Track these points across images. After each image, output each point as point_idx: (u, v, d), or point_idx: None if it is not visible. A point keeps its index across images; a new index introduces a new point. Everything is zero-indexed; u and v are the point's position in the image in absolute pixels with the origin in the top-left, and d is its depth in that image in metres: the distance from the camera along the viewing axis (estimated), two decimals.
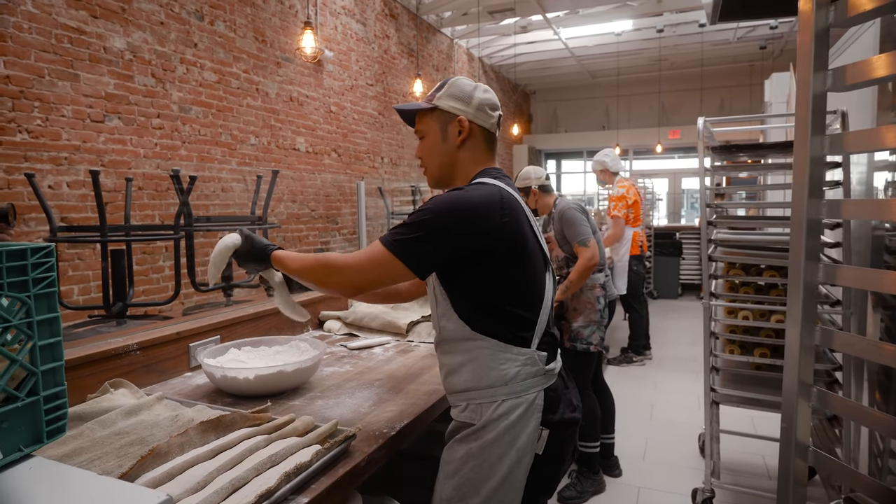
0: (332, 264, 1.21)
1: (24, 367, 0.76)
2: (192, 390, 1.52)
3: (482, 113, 1.30)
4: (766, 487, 2.83)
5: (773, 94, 4.47)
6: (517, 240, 1.19)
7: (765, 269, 2.58)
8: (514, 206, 1.21)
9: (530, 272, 1.22)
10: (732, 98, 10.61)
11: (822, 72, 0.69)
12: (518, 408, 1.17)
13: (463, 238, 1.14)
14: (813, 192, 0.71)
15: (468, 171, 1.31)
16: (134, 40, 3.93)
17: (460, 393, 1.23)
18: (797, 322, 0.74)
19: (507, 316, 1.20)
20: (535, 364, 1.20)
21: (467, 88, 1.31)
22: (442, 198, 1.18)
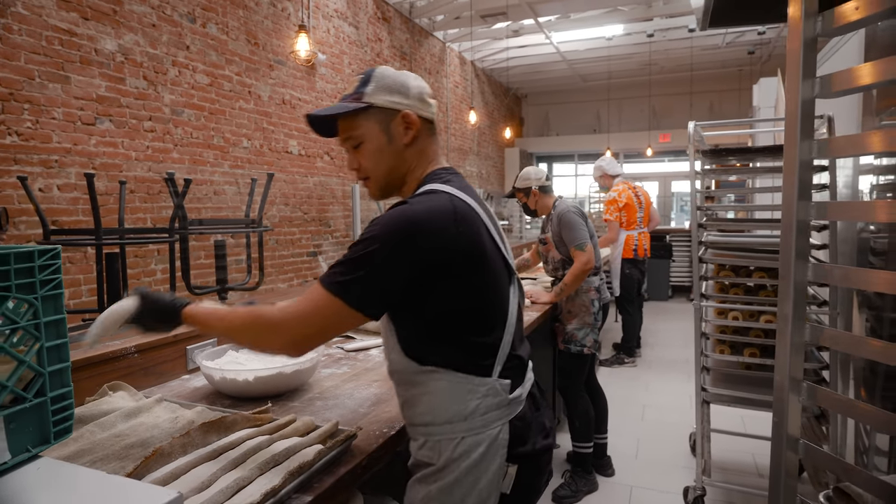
0: (267, 320, 1.01)
1: (31, 368, 0.77)
2: (190, 392, 1.53)
3: (423, 103, 1.15)
4: (756, 485, 2.87)
5: (761, 98, 4.54)
6: (474, 252, 1.05)
7: (754, 270, 2.62)
8: (470, 216, 1.06)
9: (492, 288, 1.08)
10: (722, 102, 10.73)
11: (811, 79, 0.72)
12: (479, 445, 1.05)
13: (416, 264, 0.99)
14: (802, 194, 0.73)
15: (418, 173, 1.16)
16: (125, 42, 3.92)
17: (417, 427, 1.11)
18: (788, 320, 0.76)
19: (464, 344, 1.06)
20: (496, 395, 1.07)
21: (400, 78, 1.14)
22: (384, 220, 1.01)
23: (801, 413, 2.52)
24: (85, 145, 3.68)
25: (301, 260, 5.75)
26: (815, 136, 2.58)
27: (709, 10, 2.29)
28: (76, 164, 3.63)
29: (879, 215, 0.66)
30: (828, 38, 3.00)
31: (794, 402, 0.76)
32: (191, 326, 1.11)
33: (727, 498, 2.75)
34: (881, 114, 2.23)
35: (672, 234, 8.64)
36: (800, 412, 0.77)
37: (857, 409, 0.72)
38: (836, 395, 0.73)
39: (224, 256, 2.44)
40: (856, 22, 0.67)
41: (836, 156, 0.89)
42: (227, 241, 2.67)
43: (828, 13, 0.69)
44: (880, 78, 0.65)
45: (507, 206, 9.98)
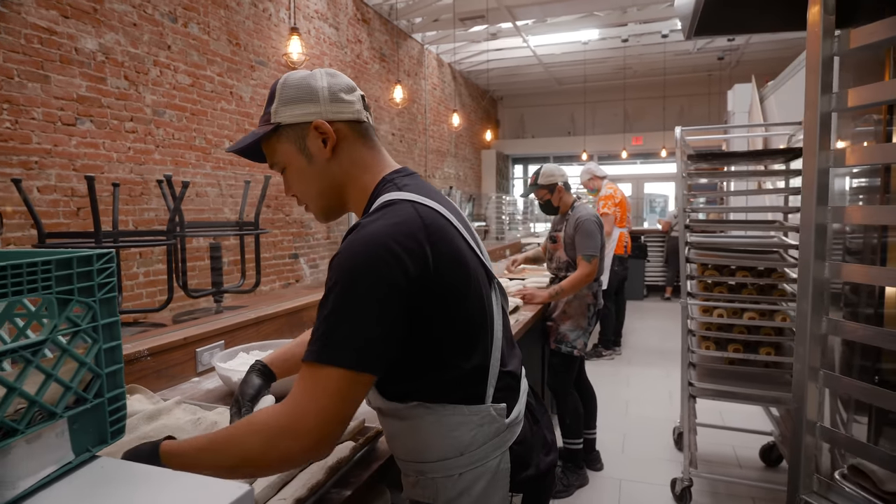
0: (273, 425, 0.80)
1: (91, 370, 0.78)
2: (204, 394, 1.54)
3: (338, 104, 0.97)
4: (738, 475, 2.99)
5: (735, 104, 4.70)
6: (454, 268, 0.89)
7: (736, 269, 2.73)
8: (439, 224, 0.90)
9: (476, 303, 0.93)
10: (692, 106, 11.03)
11: (828, 94, 0.79)
12: (479, 480, 0.93)
13: (396, 289, 0.82)
14: (820, 199, 0.80)
15: (359, 183, 0.99)
16: (106, 41, 3.85)
17: (408, 462, 0.98)
18: (807, 315, 0.83)
19: (450, 372, 0.91)
20: (492, 422, 0.94)
21: (304, 82, 0.98)
22: (344, 255, 0.84)
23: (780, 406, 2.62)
24: (65, 146, 3.60)
25: (283, 262, 5.72)
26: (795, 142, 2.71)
27: (696, 19, 2.39)
28: (56, 166, 3.55)
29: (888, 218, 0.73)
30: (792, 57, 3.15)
31: (813, 389, 0.83)
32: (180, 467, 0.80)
33: (712, 488, 2.86)
34: (857, 120, 2.36)
35: (646, 234, 8.85)
36: (817, 398, 0.83)
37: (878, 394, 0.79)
38: (853, 381, 0.79)
39: (220, 259, 2.44)
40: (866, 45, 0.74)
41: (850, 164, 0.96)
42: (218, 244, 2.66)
43: (843, 34, 0.76)
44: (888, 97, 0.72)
45: (487, 207, 10.07)
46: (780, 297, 2.62)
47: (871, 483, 0.85)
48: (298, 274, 5.98)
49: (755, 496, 2.77)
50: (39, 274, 0.70)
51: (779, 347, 2.64)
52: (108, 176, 3.85)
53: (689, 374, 2.70)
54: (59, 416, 0.74)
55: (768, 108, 4.07)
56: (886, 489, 0.81)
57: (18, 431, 0.68)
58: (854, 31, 0.73)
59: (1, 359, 0.66)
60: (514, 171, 13.41)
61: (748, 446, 3.28)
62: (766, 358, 2.54)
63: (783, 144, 3.32)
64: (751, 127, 3.65)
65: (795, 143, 2.80)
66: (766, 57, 9.41)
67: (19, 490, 0.68)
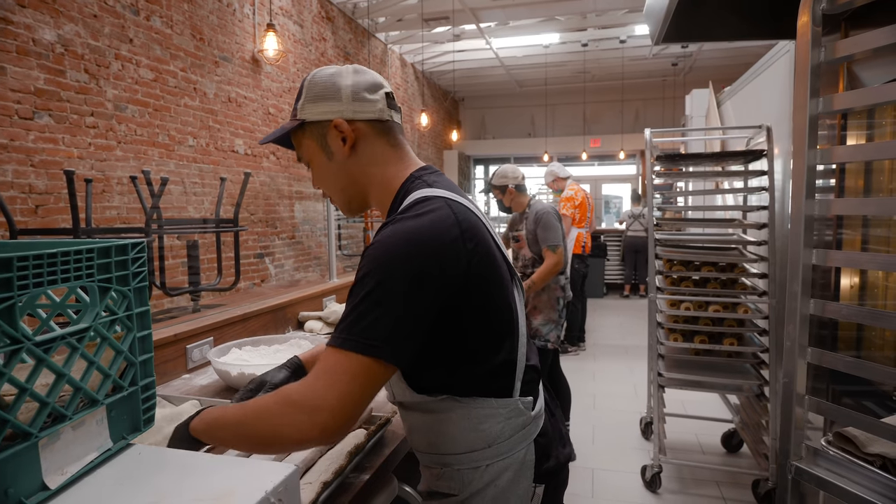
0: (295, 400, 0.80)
1: (126, 359, 0.79)
2: (198, 390, 1.53)
3: (361, 102, 0.98)
4: (702, 461, 3.14)
5: (693, 108, 4.91)
6: (487, 265, 0.91)
7: (701, 265, 2.88)
8: (473, 221, 0.91)
9: (504, 304, 0.94)
10: (647, 110, 11.41)
11: (816, 98, 0.87)
12: (507, 471, 0.94)
13: (432, 285, 0.83)
14: (809, 193, 0.89)
15: (382, 180, 1.01)
16: (65, 33, 3.71)
17: (432, 455, 0.98)
18: (797, 296, 0.91)
19: (485, 367, 0.92)
20: (520, 415, 0.95)
21: (329, 80, 0.99)
22: (381, 248, 0.84)
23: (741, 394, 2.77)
24: (23, 141, 3.45)
25: (248, 262, 5.62)
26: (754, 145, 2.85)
27: (665, 24, 2.50)
28: (13, 161, 3.40)
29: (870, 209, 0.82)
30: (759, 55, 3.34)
31: (802, 365, 0.91)
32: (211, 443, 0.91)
33: (679, 473, 3.00)
34: None
35: (606, 234, 9.10)
36: (806, 373, 0.92)
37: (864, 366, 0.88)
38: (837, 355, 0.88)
39: (197, 257, 2.41)
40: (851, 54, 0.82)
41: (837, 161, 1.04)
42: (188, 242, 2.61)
43: (829, 44, 0.85)
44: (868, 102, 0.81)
45: None
46: (742, 291, 2.77)
47: (855, 447, 0.94)
48: (265, 274, 5.89)
49: (719, 480, 2.92)
50: (84, 262, 0.71)
51: (740, 338, 2.80)
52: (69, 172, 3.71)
53: (657, 365, 2.83)
54: (101, 403, 0.74)
55: (725, 112, 4.28)
56: (869, 451, 0.90)
57: (67, 417, 0.69)
58: (839, 42, 0.82)
59: (52, 346, 0.66)
60: (476, 171, 13.53)
61: (710, 433, 3.44)
62: (731, 348, 2.69)
63: (740, 147, 3.51)
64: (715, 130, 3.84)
65: (754, 145, 2.97)
66: (717, 64, 9.84)
67: (68, 476, 0.68)
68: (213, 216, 2.59)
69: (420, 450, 1.00)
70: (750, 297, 2.81)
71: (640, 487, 2.86)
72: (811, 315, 0.90)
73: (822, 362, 0.90)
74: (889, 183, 1.89)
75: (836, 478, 0.88)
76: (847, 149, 0.98)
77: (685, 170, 3.16)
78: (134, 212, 4.16)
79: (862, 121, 1.86)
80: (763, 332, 2.68)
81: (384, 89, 1.02)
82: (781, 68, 2.88)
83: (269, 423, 0.80)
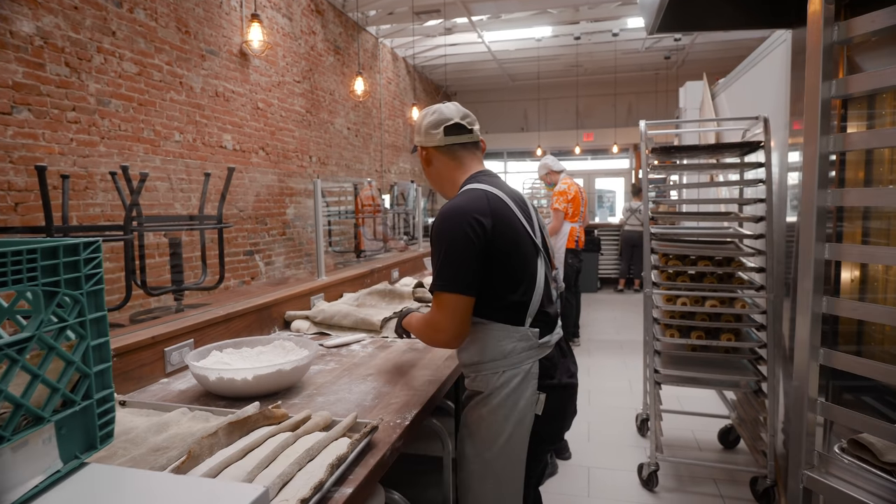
0: (433, 324, 1.40)
1: (79, 370, 0.72)
2: (176, 395, 1.46)
3: (428, 136, 1.52)
4: (699, 457, 3.10)
5: (687, 100, 4.86)
6: (507, 235, 1.36)
7: (697, 259, 2.82)
8: (500, 205, 1.38)
9: (521, 261, 1.39)
10: (639, 103, 11.34)
11: (829, 81, 0.81)
12: (516, 377, 1.37)
13: (474, 241, 1.31)
14: (822, 183, 0.82)
15: (452, 181, 1.52)
16: (44, 25, 3.60)
17: (469, 366, 1.44)
18: (808, 293, 0.85)
19: (504, 302, 1.37)
20: (528, 340, 1.38)
21: (419, 121, 1.55)
22: (437, 217, 1.36)
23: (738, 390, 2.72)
24: (0, 136, 3.35)
25: (238, 259, 5.53)
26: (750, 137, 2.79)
27: (659, 15, 2.44)
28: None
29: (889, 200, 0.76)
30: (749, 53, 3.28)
31: (815, 367, 0.85)
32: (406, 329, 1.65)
33: (676, 471, 2.95)
34: None
35: (600, 228, 9.05)
36: (818, 376, 0.86)
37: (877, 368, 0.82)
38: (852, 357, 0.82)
39: (180, 255, 2.33)
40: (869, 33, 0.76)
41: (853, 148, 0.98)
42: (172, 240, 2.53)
43: (842, 24, 0.78)
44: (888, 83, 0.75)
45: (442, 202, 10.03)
46: (739, 286, 2.72)
47: (871, 455, 0.88)
48: (255, 271, 5.80)
49: (716, 477, 2.88)
50: (25, 264, 0.63)
51: (737, 333, 2.75)
52: (50, 169, 3.60)
53: (654, 361, 2.78)
54: (47, 420, 0.67)
55: (719, 104, 4.22)
56: (887, 460, 0.84)
57: (4, 439, 0.61)
58: (854, 20, 0.75)
59: None
60: None
61: (706, 429, 3.40)
62: (728, 344, 2.63)
63: (736, 140, 3.46)
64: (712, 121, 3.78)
65: (750, 137, 2.92)
66: (709, 57, 9.79)
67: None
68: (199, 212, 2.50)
69: (464, 363, 1.47)
70: (747, 292, 2.76)
71: (637, 486, 2.81)
72: None
73: (835, 364, 0.84)
74: (889, 174, 1.84)
75: (852, 488, 0.83)
76: (864, 135, 0.92)
77: (680, 162, 3.10)
78: (119, 209, 4.05)
79: (862, 111, 1.80)
80: (760, 327, 2.63)
81: (445, 124, 1.51)
82: (778, 58, 2.82)
83: (424, 335, 1.48)
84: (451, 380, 1.66)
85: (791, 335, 2.66)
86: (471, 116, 1.56)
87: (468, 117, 1.55)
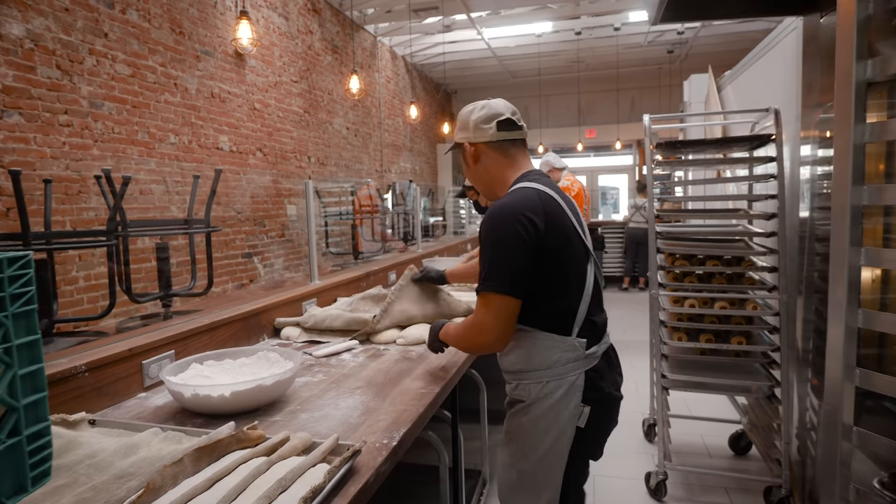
0: (472, 328, 1.38)
1: (3, 403, 0.63)
2: (153, 412, 1.37)
3: (479, 131, 1.46)
4: (709, 465, 2.99)
5: (691, 94, 4.74)
6: (559, 236, 1.31)
7: (704, 258, 2.72)
8: (553, 204, 1.34)
9: (572, 264, 1.35)
10: (642, 98, 11.20)
11: (864, 61, 0.71)
12: (560, 388, 1.33)
13: (523, 242, 1.27)
14: (856, 178, 0.72)
15: (501, 179, 1.47)
16: (35, 27, 3.53)
17: (511, 373, 1.42)
18: (842, 306, 0.75)
19: (550, 309, 1.34)
20: (574, 350, 1.34)
21: (465, 116, 1.49)
22: (489, 216, 1.32)
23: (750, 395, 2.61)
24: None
25: (236, 262, 5.45)
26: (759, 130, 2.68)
27: (663, 4, 2.33)
28: None
29: None
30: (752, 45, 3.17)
31: (850, 390, 0.76)
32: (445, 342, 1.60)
33: (685, 480, 2.85)
34: (822, 106, 2.36)
35: (603, 226, 8.94)
36: (853, 400, 0.76)
37: None
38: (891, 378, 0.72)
39: (167, 260, 2.25)
40: None
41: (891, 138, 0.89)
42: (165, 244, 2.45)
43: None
44: None
45: (445, 202, 9.94)
46: (749, 286, 2.62)
47: None
48: (253, 273, 5.72)
49: (728, 486, 2.78)
50: None
51: (749, 336, 2.64)
52: (42, 173, 3.53)
53: (661, 366, 2.67)
54: None
55: (725, 97, 4.11)
56: None
57: None
58: None
59: None
60: None
61: (716, 435, 3.29)
62: (739, 347, 2.53)
63: (743, 133, 3.34)
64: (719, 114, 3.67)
65: (759, 130, 2.81)
66: (713, 51, 9.64)
67: None
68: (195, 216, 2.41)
69: (506, 369, 1.44)
70: (758, 293, 2.65)
71: (645, 495, 2.71)
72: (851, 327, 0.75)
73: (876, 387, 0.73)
74: None
75: None
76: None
77: (686, 158, 2.99)
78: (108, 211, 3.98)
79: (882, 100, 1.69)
80: (773, 329, 2.53)
81: (498, 119, 1.45)
82: (788, 48, 2.71)
83: (466, 339, 1.43)
84: (445, 391, 1.57)
85: (804, 336, 2.56)
86: (518, 112, 1.51)
87: (516, 113, 1.49)
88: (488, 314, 1.30)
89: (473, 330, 1.37)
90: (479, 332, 1.33)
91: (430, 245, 4.86)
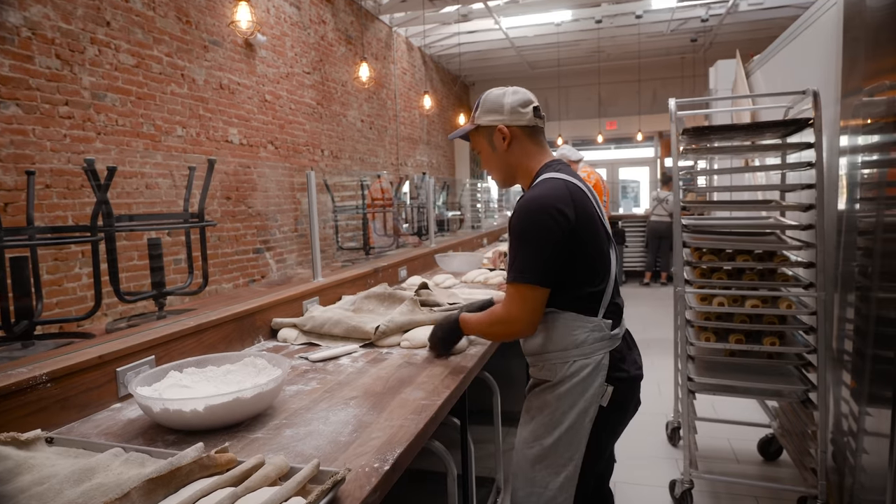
0: (504, 319, 1.40)
1: None
2: (122, 427, 1.24)
3: (516, 114, 1.45)
4: (738, 472, 2.81)
5: (718, 81, 4.51)
6: (588, 225, 1.35)
7: (734, 254, 2.52)
8: (581, 194, 1.37)
9: (597, 251, 1.38)
10: (665, 89, 10.88)
11: None
12: (587, 367, 1.37)
13: (554, 232, 1.30)
14: None
15: (526, 167, 1.47)
16: (32, 15, 3.43)
17: (536, 355, 1.45)
18: None
19: (579, 292, 1.37)
20: (601, 330, 1.38)
21: (498, 99, 1.46)
22: (520, 212, 1.34)
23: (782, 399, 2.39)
24: None
25: (247, 257, 5.36)
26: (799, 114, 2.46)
27: None
28: None
29: None
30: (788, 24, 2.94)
31: None
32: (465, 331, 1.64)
33: (712, 489, 2.66)
34: (863, 91, 2.15)
35: (624, 219, 8.70)
36: None
37: None
38: None
39: (160, 257, 2.12)
40: None
41: None
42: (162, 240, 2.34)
43: None
44: None
45: (462, 195, 9.78)
46: (783, 283, 2.42)
47: None
48: (264, 269, 5.63)
49: (758, 495, 2.59)
50: None
51: (782, 336, 2.44)
52: (41, 166, 3.45)
53: (687, 368, 2.49)
54: None
55: (755, 83, 3.88)
56: None
57: None
58: None
59: None
60: None
61: (744, 438, 3.10)
62: (771, 348, 2.34)
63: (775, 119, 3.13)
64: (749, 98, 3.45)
65: (795, 115, 2.60)
66: (738, 38, 9.29)
67: None
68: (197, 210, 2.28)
69: (529, 352, 1.48)
70: (793, 290, 2.45)
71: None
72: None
73: None
74: None
75: None
76: None
77: (712, 145, 2.78)
78: (118, 206, 3.90)
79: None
80: (810, 329, 2.33)
81: (533, 104, 1.47)
82: (826, 26, 2.49)
83: (495, 329, 1.49)
84: (450, 401, 1.42)
85: (840, 335, 2.36)
86: None
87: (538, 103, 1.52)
88: (518, 304, 1.34)
89: (503, 321, 1.40)
90: (510, 323, 1.38)
91: (445, 240, 4.70)
